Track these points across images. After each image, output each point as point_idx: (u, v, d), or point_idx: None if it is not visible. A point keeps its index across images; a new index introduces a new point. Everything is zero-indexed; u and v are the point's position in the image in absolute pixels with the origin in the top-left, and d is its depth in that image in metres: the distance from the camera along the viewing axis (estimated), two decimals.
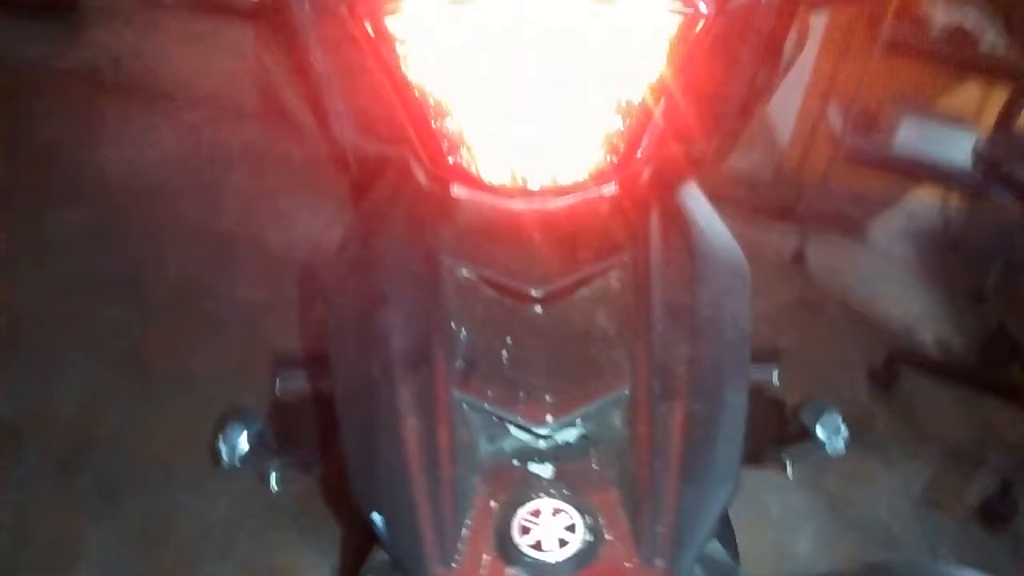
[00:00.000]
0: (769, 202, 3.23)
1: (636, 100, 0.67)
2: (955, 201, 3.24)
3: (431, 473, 0.58)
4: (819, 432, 0.82)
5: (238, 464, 0.77)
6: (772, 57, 0.76)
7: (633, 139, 0.69)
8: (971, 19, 2.75)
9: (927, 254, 3.18)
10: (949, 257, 3.16)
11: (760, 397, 0.98)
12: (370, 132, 0.76)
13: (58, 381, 1.95)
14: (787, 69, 0.82)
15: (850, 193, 3.19)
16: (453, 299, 0.69)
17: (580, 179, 0.70)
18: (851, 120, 2.90)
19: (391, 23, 0.63)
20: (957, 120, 3.00)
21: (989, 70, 2.83)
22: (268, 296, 2.22)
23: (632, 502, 0.59)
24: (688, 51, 0.64)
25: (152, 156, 2.83)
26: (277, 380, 0.85)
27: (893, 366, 2.42)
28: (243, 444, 0.77)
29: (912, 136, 2.95)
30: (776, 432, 0.89)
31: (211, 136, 3.00)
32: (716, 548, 0.63)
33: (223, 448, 0.77)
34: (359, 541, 0.67)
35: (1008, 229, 2.93)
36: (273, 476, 0.83)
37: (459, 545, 0.57)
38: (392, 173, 0.79)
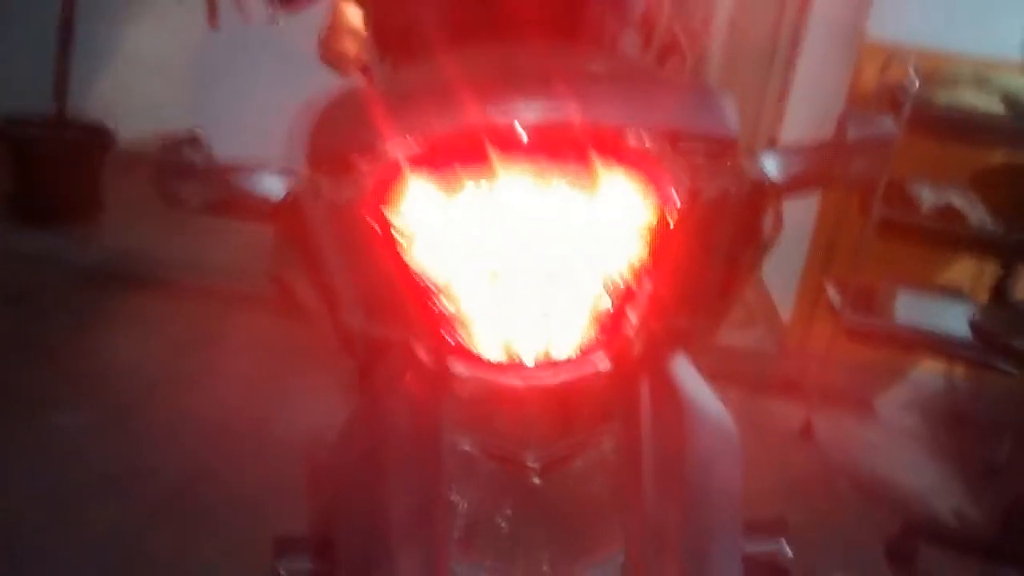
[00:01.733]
0: (774, 377, 3.25)
1: (620, 281, 0.73)
2: (959, 371, 3.26)
3: None
4: None
5: None
6: (748, 241, 0.82)
7: (620, 317, 0.74)
8: (957, 199, 2.82)
9: (935, 425, 3.17)
10: (958, 428, 3.15)
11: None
12: (376, 316, 0.81)
13: None
14: (766, 251, 0.87)
15: (854, 366, 3.18)
16: (453, 469, 0.73)
17: (573, 354, 0.75)
18: (849, 297, 2.95)
19: (393, 216, 0.69)
20: (953, 293, 3.06)
21: (979, 245, 2.90)
22: (272, 482, 2.20)
23: None
24: (665, 237, 0.70)
25: (160, 347, 2.88)
26: (279, 566, 0.86)
27: (910, 541, 2.38)
28: None
29: (911, 310, 3.01)
30: None
31: (220, 325, 3.06)
32: None
33: None
34: None
35: (1016, 397, 2.95)
36: None
37: None
38: (395, 354, 0.84)
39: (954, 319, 2.49)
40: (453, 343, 0.74)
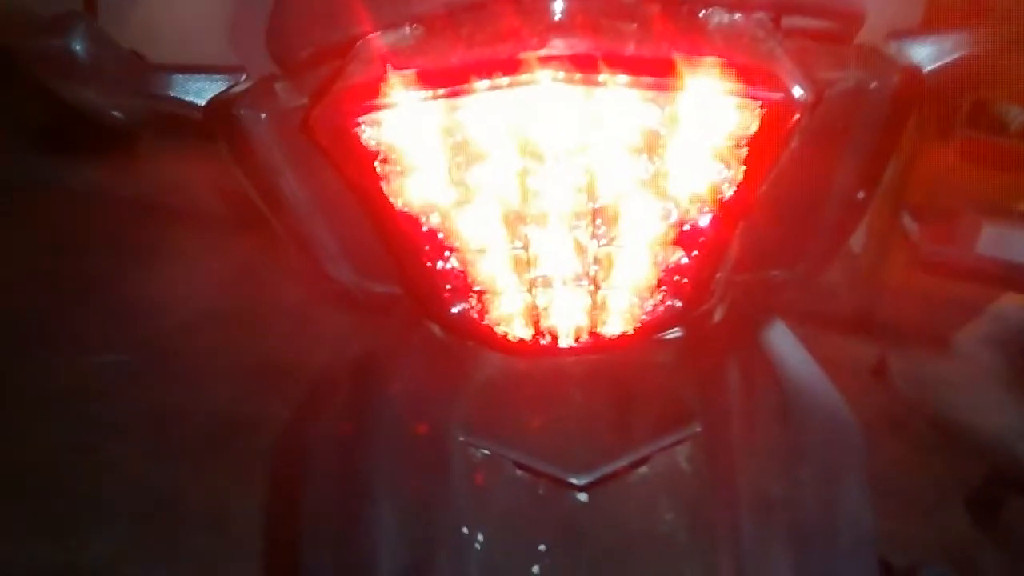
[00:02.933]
0: (844, 312, 3.13)
1: (698, 222, 0.49)
2: None
3: None
4: None
5: None
6: (881, 156, 0.59)
7: (703, 271, 0.52)
8: None
9: (1018, 363, 3.02)
10: None
11: None
12: (370, 271, 0.61)
13: (88, 531, 1.87)
14: (911, 165, 0.65)
15: (930, 300, 3.09)
16: (466, 490, 0.52)
17: (630, 328, 0.53)
18: (927, 225, 2.82)
19: (368, 135, 0.46)
20: None
21: None
22: None
23: None
24: (775, 151, 0.47)
25: (204, 282, 2.79)
26: None
27: (994, 491, 2.25)
28: None
29: (994, 240, 2.86)
30: None
31: (260, 261, 2.96)
32: None
33: None
34: None
35: None
36: None
37: None
38: (401, 316, 0.63)
39: None
40: (459, 313, 0.52)
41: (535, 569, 0.50)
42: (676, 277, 0.51)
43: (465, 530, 0.51)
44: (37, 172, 3.33)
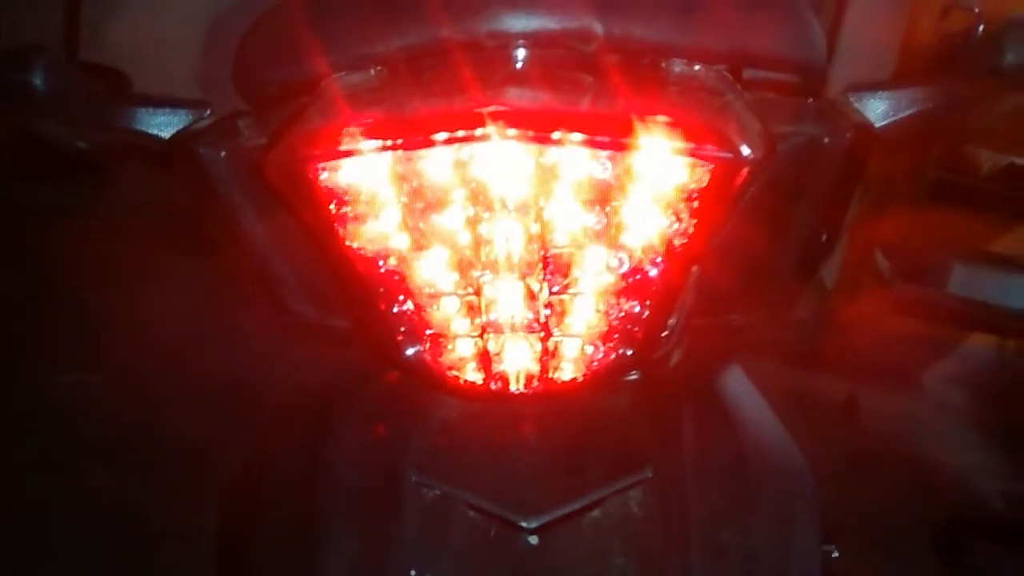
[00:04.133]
0: (815, 349, 3.16)
1: (653, 268, 0.50)
2: (1012, 346, 3.13)
3: None
4: None
5: None
6: (837, 207, 0.60)
7: (655, 319, 0.52)
8: (1021, 159, 2.73)
9: (986, 402, 3.02)
10: (1008, 405, 2.96)
11: None
12: (328, 305, 0.61)
13: (53, 550, 1.86)
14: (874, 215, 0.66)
15: (901, 338, 3.12)
16: (417, 530, 0.52)
17: (581, 375, 0.53)
18: (899, 264, 2.84)
19: (324, 178, 0.47)
20: (1013, 263, 2.93)
21: None
22: None
23: None
24: (725, 205, 0.48)
25: (179, 305, 2.78)
26: None
27: (959, 530, 2.26)
28: None
29: (965, 282, 2.87)
30: None
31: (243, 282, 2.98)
32: None
33: None
34: None
35: None
36: None
37: None
38: (358, 350, 0.63)
39: (1014, 291, 2.35)
40: (413, 356, 0.52)
41: None
42: (628, 325, 0.51)
43: (414, 573, 0.51)
44: (7, 197, 3.31)
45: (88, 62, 3.46)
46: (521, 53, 0.47)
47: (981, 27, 2.03)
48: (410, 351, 0.52)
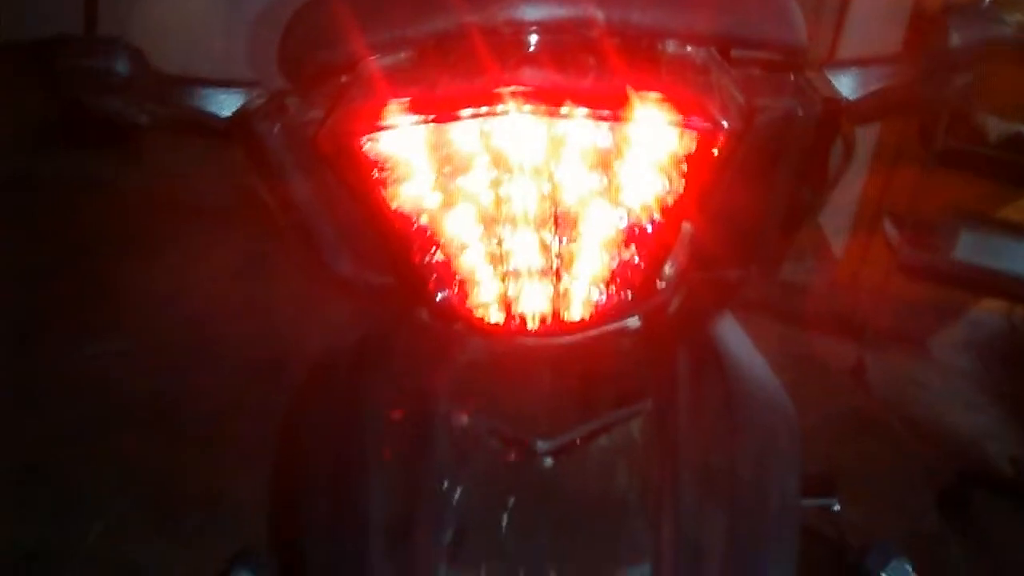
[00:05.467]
0: (824, 314, 3.18)
1: (652, 226, 0.59)
2: (1020, 312, 3.18)
3: None
4: None
5: None
6: (814, 172, 0.67)
7: (650, 268, 0.61)
8: None
9: (994, 367, 3.08)
10: (1016, 370, 3.06)
11: (816, 539, 0.91)
12: (366, 263, 0.69)
13: (83, 513, 1.93)
14: (834, 184, 0.74)
15: (909, 304, 3.14)
16: (447, 452, 0.61)
17: (588, 315, 0.62)
18: (907, 231, 2.87)
19: (368, 148, 0.55)
20: (1017, 230, 2.95)
21: None
22: None
23: None
24: (710, 170, 0.56)
25: (202, 275, 2.85)
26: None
27: (964, 487, 2.31)
28: None
29: (972, 248, 2.89)
30: None
31: (265, 251, 2.99)
32: None
33: None
34: None
35: None
36: None
37: None
38: (394, 304, 0.72)
39: (1020, 257, 2.38)
40: (443, 299, 0.60)
41: (504, 518, 0.59)
42: (627, 272, 0.60)
43: (445, 485, 0.60)
44: (42, 168, 3.40)
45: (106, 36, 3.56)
46: (534, 38, 0.55)
47: None
48: (441, 295, 0.61)
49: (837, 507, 0.96)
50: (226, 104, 0.64)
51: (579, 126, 0.54)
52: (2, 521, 1.88)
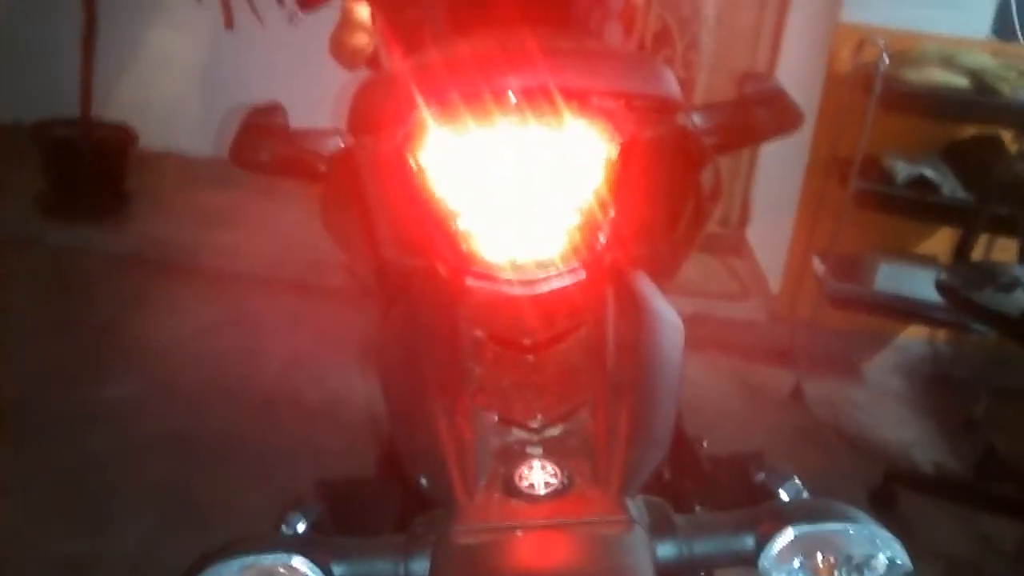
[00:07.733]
0: (765, 345, 3.44)
1: (589, 208, 0.93)
2: (942, 336, 3.45)
3: (460, 455, 0.85)
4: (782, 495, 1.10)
5: None
6: (689, 185, 1.04)
7: (592, 237, 0.94)
8: (929, 170, 2.99)
9: (919, 387, 3.35)
10: (939, 388, 3.32)
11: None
12: (406, 247, 1.02)
13: (119, 524, 2.20)
14: (712, 204, 1.09)
15: (842, 333, 3.38)
16: (469, 351, 0.95)
17: (557, 268, 0.94)
18: (831, 266, 3.11)
19: (419, 159, 0.92)
20: (928, 261, 3.18)
21: (951, 213, 3.06)
22: (301, 438, 2.51)
23: (594, 462, 0.84)
24: (617, 172, 0.92)
25: (194, 328, 3.13)
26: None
27: (890, 486, 2.56)
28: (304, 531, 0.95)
29: (889, 278, 3.12)
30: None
31: (246, 307, 3.31)
32: (652, 497, 0.88)
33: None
34: (412, 504, 0.92)
35: (993, 359, 3.14)
36: None
37: (479, 491, 0.82)
38: (420, 279, 1.03)
39: (928, 285, 2.60)
40: (466, 261, 0.94)
41: (506, 387, 0.94)
42: (577, 236, 0.95)
43: (470, 366, 0.94)
44: (46, 234, 3.64)
45: (100, 121, 3.78)
46: (512, 98, 0.93)
47: (885, 58, 2.54)
48: (464, 252, 0.95)
49: (706, 443, 1.26)
50: (328, 145, 1.00)
51: (545, 140, 0.91)
52: (49, 534, 2.14)
